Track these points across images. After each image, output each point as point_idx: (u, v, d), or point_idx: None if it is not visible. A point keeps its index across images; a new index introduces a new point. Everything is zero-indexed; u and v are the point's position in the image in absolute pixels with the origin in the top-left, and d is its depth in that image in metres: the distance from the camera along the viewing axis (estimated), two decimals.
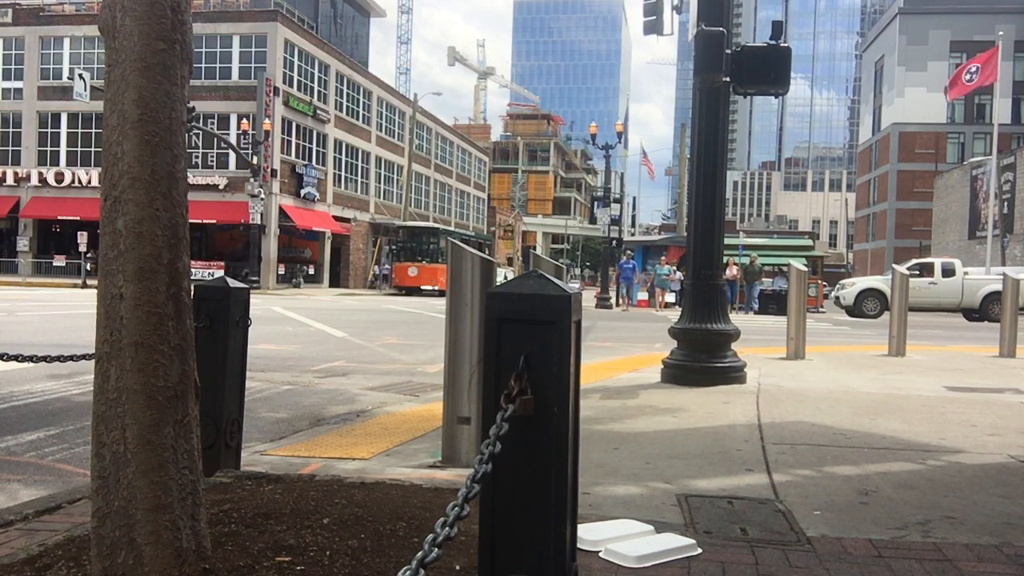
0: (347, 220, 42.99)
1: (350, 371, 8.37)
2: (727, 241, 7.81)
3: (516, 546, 1.87)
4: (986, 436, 4.93)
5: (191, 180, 4.32)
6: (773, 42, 6.92)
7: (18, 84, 38.45)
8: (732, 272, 26.68)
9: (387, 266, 42.37)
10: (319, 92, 40.37)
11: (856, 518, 3.21)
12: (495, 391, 1.83)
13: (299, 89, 38.35)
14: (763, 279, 28.19)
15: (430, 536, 1.36)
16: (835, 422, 5.31)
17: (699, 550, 2.72)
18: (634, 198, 56.82)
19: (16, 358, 3.28)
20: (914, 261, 26.62)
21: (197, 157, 35.86)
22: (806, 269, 10.95)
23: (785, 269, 22.68)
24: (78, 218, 34.67)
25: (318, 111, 39.61)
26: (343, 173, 43.52)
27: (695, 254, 7.17)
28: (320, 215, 39.82)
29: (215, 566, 2.32)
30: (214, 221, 35.01)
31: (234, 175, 35.06)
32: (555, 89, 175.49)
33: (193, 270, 2.44)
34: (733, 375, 6.95)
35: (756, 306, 26.90)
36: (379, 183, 48.60)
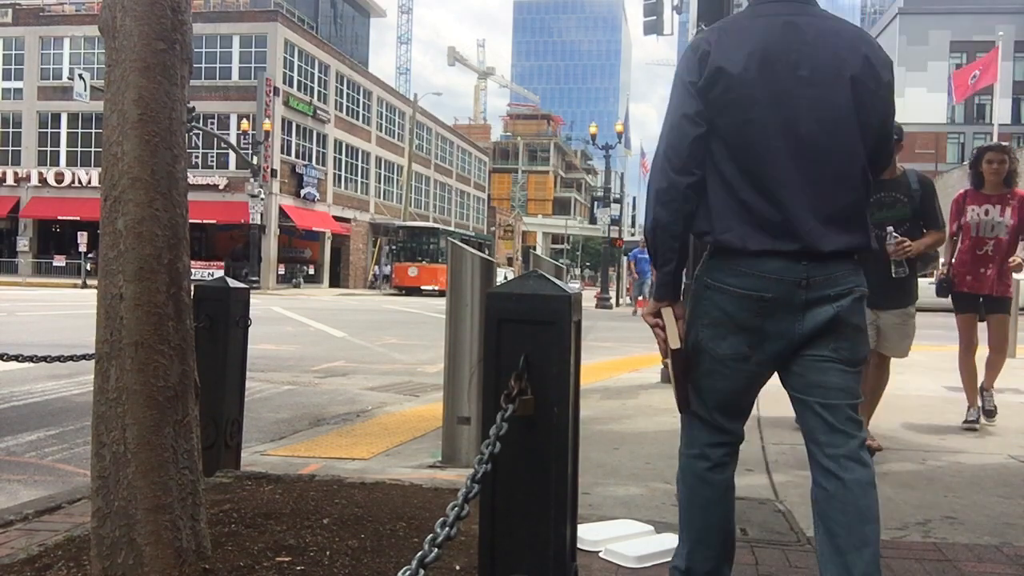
0: (347, 220, 42.97)
1: (350, 371, 8.37)
2: None
3: (516, 546, 1.87)
4: (986, 436, 4.93)
5: (191, 180, 4.34)
6: None
7: (18, 84, 38.42)
8: None
9: (387, 266, 42.35)
10: (319, 92, 40.36)
11: None
12: (495, 391, 1.83)
13: (299, 89, 38.34)
14: None
15: (430, 536, 1.36)
16: None
17: None
18: (634, 198, 56.81)
19: (16, 358, 3.28)
20: None
21: (197, 157, 35.84)
22: None
23: None
24: (78, 218, 34.64)
25: (318, 111, 39.59)
26: (343, 173, 43.50)
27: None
28: (320, 215, 39.81)
29: (215, 566, 2.32)
30: (214, 221, 34.99)
31: (234, 175, 35.05)
32: (555, 89, 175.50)
33: (193, 270, 2.44)
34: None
35: None
36: (379, 183, 48.59)
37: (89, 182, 35.94)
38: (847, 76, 1.94)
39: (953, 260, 5.29)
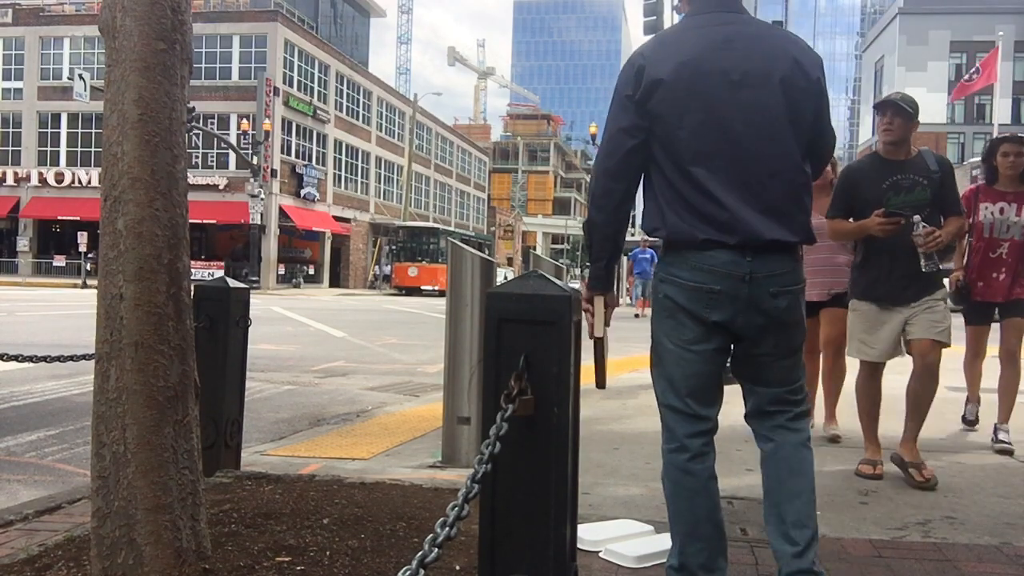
0: (347, 220, 42.96)
1: (350, 371, 8.37)
2: None
3: (516, 546, 1.87)
4: (986, 436, 4.92)
5: (191, 180, 4.31)
6: None
7: (18, 84, 38.40)
8: None
9: (387, 266, 42.33)
10: (319, 92, 40.34)
11: (856, 518, 3.21)
12: (495, 391, 1.83)
13: (299, 89, 38.32)
14: None
15: (430, 536, 1.36)
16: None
17: None
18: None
19: (16, 358, 3.28)
20: None
21: (197, 157, 35.82)
22: None
23: None
24: (78, 218, 34.62)
25: (318, 111, 39.57)
26: (343, 173, 43.49)
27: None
28: (320, 215, 39.80)
29: (215, 566, 2.32)
30: (214, 221, 34.98)
31: (234, 175, 35.03)
32: (555, 89, 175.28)
33: (193, 270, 2.44)
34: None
35: None
36: (379, 183, 48.57)
37: (89, 182, 35.91)
38: (777, 78, 2.12)
39: (965, 263, 4.84)
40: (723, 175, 2.09)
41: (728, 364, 2.28)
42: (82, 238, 31.57)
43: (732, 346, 2.20)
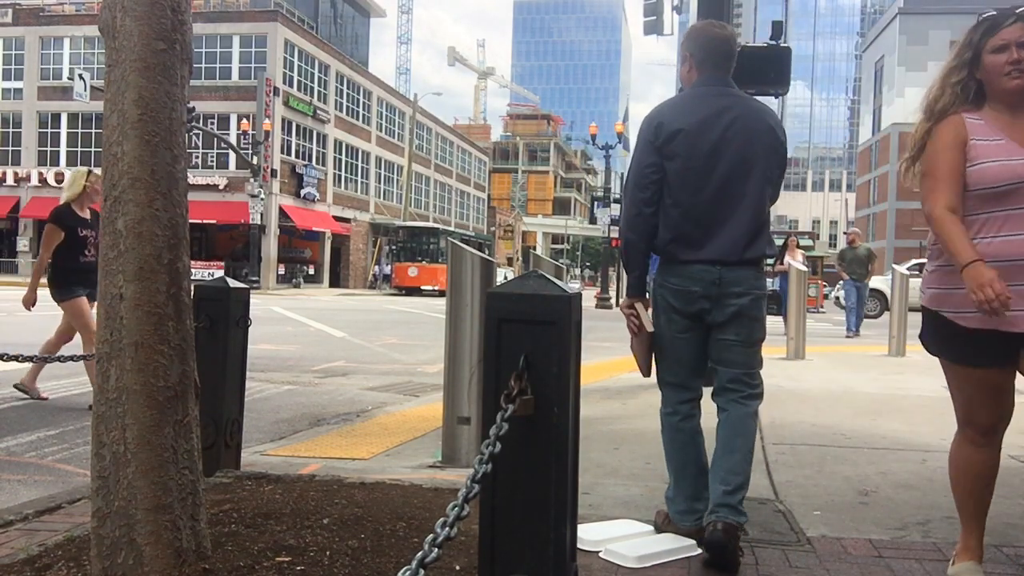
0: (347, 220, 42.95)
1: (350, 371, 8.37)
2: None
3: (516, 546, 1.87)
4: None
5: (191, 180, 4.31)
6: (773, 42, 6.92)
7: (18, 84, 38.40)
8: (797, 259, 12.70)
9: (387, 266, 42.34)
10: (319, 92, 40.34)
11: (856, 518, 3.21)
12: (495, 391, 1.83)
13: (299, 89, 38.32)
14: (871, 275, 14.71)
15: (430, 536, 1.36)
16: (835, 422, 5.31)
17: (699, 550, 2.72)
18: None
19: (16, 358, 3.28)
20: (914, 261, 26.48)
21: (197, 157, 35.81)
22: (806, 269, 10.94)
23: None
24: None
25: (318, 111, 39.57)
26: (343, 173, 43.48)
27: None
28: (320, 215, 39.80)
29: (215, 566, 2.32)
30: (214, 221, 34.97)
31: (234, 175, 35.03)
32: (555, 89, 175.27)
33: (193, 270, 2.44)
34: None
35: (855, 327, 14.24)
36: (379, 183, 48.57)
37: None
38: (757, 139, 2.79)
39: None
40: (710, 208, 2.75)
41: (708, 364, 2.85)
42: None
43: (707, 338, 2.80)
